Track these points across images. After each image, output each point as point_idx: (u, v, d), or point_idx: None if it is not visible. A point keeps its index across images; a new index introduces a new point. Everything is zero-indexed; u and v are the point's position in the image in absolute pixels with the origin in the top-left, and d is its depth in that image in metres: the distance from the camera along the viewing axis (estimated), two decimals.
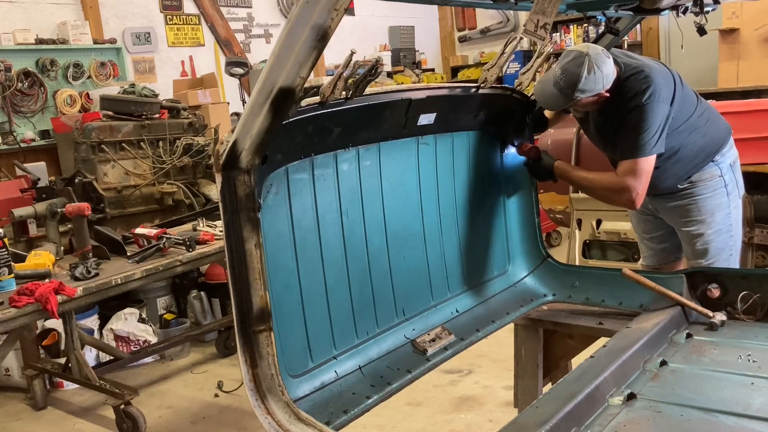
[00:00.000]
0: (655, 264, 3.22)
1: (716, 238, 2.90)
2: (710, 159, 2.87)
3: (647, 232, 3.21)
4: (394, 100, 2.20)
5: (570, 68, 2.55)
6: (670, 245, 3.14)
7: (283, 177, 1.98)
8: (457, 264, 2.67)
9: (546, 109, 2.84)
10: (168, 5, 7.49)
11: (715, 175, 2.87)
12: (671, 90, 2.70)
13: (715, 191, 2.88)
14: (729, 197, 2.91)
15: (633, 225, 3.33)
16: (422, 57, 10.19)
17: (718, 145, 2.89)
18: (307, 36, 1.51)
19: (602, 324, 2.58)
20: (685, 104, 2.77)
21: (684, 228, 2.95)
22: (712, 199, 2.88)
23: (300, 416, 1.77)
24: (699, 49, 5.97)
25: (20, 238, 4.37)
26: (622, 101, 2.65)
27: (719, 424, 1.72)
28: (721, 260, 2.93)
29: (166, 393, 4.48)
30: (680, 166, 2.83)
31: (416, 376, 2.27)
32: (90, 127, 5.12)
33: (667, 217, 3.04)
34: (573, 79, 2.54)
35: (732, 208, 2.93)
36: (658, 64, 2.78)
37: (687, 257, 3.04)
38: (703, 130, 2.83)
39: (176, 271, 4.00)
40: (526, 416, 1.79)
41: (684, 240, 2.99)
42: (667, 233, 3.11)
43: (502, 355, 4.10)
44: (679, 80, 2.77)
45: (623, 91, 2.65)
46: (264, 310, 1.76)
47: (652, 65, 2.72)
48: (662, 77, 2.67)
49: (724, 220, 2.91)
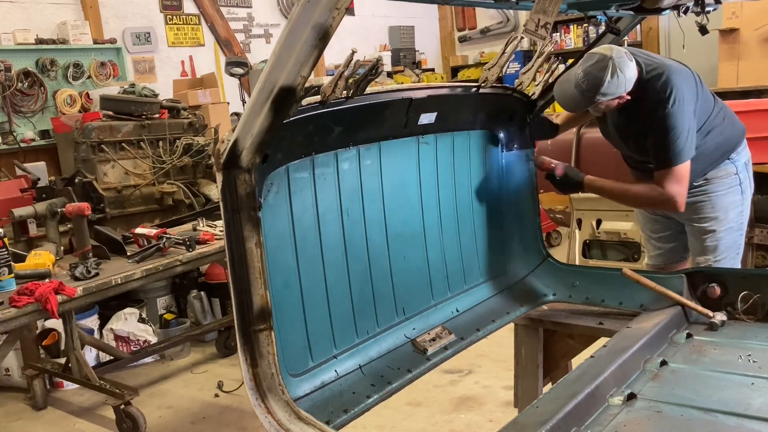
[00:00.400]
0: (661, 263, 3.23)
1: (727, 235, 2.91)
2: (726, 157, 2.88)
3: (656, 231, 3.21)
4: (394, 99, 2.20)
5: (593, 72, 2.54)
6: (678, 245, 3.15)
7: (284, 176, 1.98)
8: (458, 263, 2.67)
9: (565, 110, 2.83)
10: (168, 5, 7.50)
11: (731, 173, 2.89)
12: (693, 90, 2.71)
13: (730, 189, 2.89)
14: (743, 195, 2.92)
15: (640, 224, 3.32)
16: (422, 57, 10.20)
17: (733, 144, 2.90)
18: (308, 35, 1.51)
19: (602, 324, 2.58)
20: (705, 104, 2.79)
21: (696, 224, 2.95)
22: (727, 196, 2.89)
23: (300, 415, 1.76)
24: (699, 49, 5.96)
25: (20, 238, 4.37)
26: (644, 103, 2.66)
27: (719, 424, 1.72)
28: (730, 258, 2.94)
29: (166, 393, 4.48)
30: (697, 165, 2.82)
31: (416, 376, 2.27)
32: (90, 127, 5.12)
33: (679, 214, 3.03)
34: (596, 83, 2.54)
35: (744, 206, 2.94)
36: (678, 64, 2.79)
37: (693, 253, 3.04)
38: (719, 129, 2.84)
39: (176, 271, 4.00)
40: (526, 416, 1.79)
41: (693, 235, 2.99)
42: (676, 232, 3.12)
43: (502, 355, 4.10)
44: (699, 80, 2.79)
45: (645, 92, 2.65)
46: (264, 309, 1.76)
47: (673, 65, 2.73)
48: (683, 78, 2.69)
49: (736, 218, 2.92)
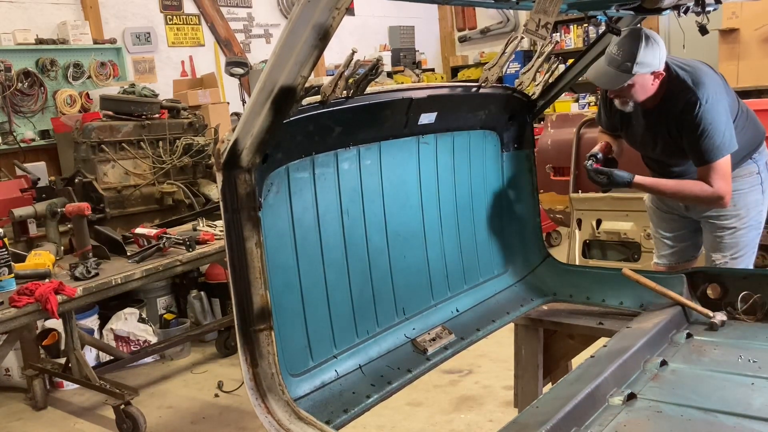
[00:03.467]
0: (673, 262, 3.23)
1: (747, 233, 2.93)
2: (749, 156, 2.90)
3: (670, 230, 3.21)
4: (394, 99, 2.20)
5: (626, 43, 2.57)
6: (690, 244, 3.17)
7: (284, 176, 1.98)
8: (458, 263, 2.67)
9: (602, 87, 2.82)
10: (168, 5, 7.49)
11: (753, 172, 2.91)
12: (723, 87, 2.74)
13: (753, 187, 2.91)
14: (764, 195, 2.94)
15: (654, 223, 3.31)
16: (422, 57, 10.19)
17: (756, 143, 2.92)
18: (309, 35, 1.51)
19: (602, 324, 2.58)
20: (733, 102, 2.81)
21: (717, 221, 2.95)
22: (750, 195, 2.91)
23: (300, 415, 1.76)
24: (699, 49, 5.95)
25: (20, 238, 4.36)
26: (675, 102, 2.68)
27: (719, 424, 1.72)
28: (747, 256, 2.96)
29: (166, 393, 4.48)
30: None
31: (416, 376, 2.27)
32: (90, 127, 5.12)
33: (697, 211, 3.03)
34: (632, 50, 2.56)
35: (765, 206, 2.96)
36: (704, 64, 2.82)
37: (709, 250, 3.04)
38: (744, 128, 2.86)
39: (176, 271, 4.00)
40: (526, 416, 1.80)
41: (713, 233, 2.99)
42: (689, 231, 3.13)
43: (502, 355, 4.10)
44: (724, 80, 2.81)
45: (675, 91, 2.68)
46: (264, 309, 1.76)
47: (700, 65, 2.77)
48: (711, 76, 2.72)
49: (756, 217, 2.94)
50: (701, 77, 2.68)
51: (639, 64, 2.58)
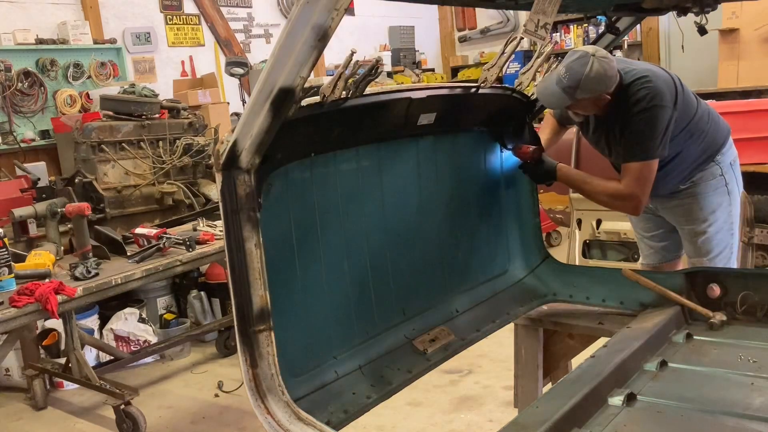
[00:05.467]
0: (655, 262, 3.23)
1: (717, 236, 2.93)
2: (711, 159, 2.88)
3: (647, 230, 3.22)
4: (394, 99, 2.19)
5: (574, 67, 2.55)
6: (670, 243, 3.16)
7: (283, 176, 1.98)
8: (457, 264, 2.67)
9: (548, 107, 2.83)
10: (168, 5, 7.49)
11: (716, 175, 2.89)
12: (673, 94, 2.70)
13: (716, 190, 2.90)
14: (730, 196, 2.94)
15: (632, 224, 3.34)
16: (422, 57, 10.19)
17: (718, 145, 2.90)
18: (308, 36, 1.51)
19: (602, 324, 2.58)
20: (686, 108, 2.78)
21: (686, 226, 2.97)
22: (714, 197, 2.90)
23: (300, 416, 1.76)
24: (699, 49, 5.97)
25: (20, 238, 4.36)
26: (625, 107, 2.66)
27: (719, 424, 1.72)
28: (723, 257, 2.95)
29: (166, 393, 4.48)
30: (682, 168, 2.85)
31: (416, 376, 2.27)
32: (90, 127, 5.12)
33: (668, 216, 3.05)
34: (576, 77, 2.54)
35: (733, 206, 2.96)
36: (659, 69, 2.79)
37: (688, 255, 3.05)
38: (703, 132, 2.85)
39: (176, 271, 4.00)
40: (526, 416, 1.80)
41: (685, 238, 3.01)
42: (667, 231, 3.13)
43: (502, 355, 4.10)
44: (680, 84, 2.78)
45: (626, 97, 2.65)
46: (264, 309, 1.76)
47: (654, 70, 2.73)
48: (664, 82, 2.68)
49: (725, 218, 2.93)
50: (651, 82, 2.64)
51: (582, 90, 2.55)
